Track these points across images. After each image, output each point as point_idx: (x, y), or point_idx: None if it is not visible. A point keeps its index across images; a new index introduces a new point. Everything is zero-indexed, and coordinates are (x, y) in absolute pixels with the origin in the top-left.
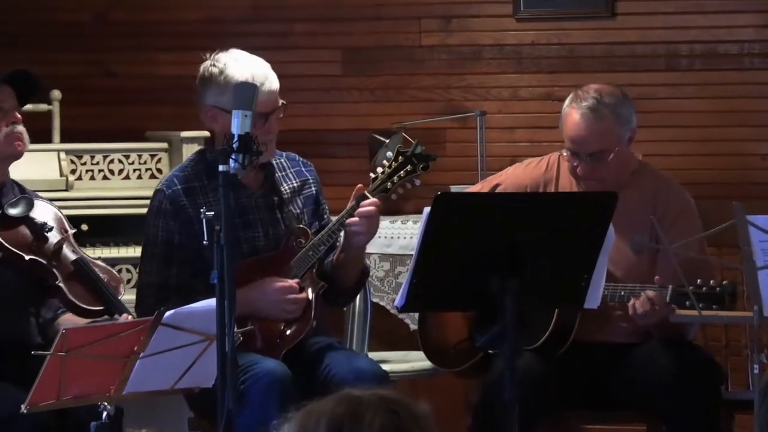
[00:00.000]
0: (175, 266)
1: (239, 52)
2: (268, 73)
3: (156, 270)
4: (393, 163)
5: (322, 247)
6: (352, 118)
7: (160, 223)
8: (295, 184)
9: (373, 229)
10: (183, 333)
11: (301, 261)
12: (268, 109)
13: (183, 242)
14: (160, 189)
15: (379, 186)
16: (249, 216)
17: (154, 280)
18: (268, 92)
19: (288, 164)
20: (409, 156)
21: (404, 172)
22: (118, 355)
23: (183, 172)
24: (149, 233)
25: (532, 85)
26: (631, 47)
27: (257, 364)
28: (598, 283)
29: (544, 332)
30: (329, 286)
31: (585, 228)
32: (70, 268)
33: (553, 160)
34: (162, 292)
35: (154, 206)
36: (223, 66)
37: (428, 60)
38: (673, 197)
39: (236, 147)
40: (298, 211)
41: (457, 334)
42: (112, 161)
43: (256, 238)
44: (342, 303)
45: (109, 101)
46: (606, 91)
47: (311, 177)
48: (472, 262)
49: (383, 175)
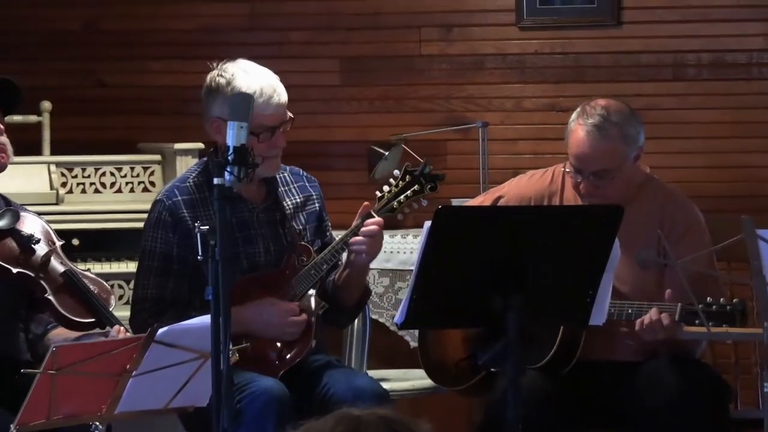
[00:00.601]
0: (173, 280)
1: (247, 63)
2: (276, 86)
3: (153, 283)
4: (400, 182)
5: (324, 266)
6: (350, 130)
7: (159, 234)
8: (298, 200)
9: (375, 249)
10: (177, 350)
11: (303, 279)
12: (275, 122)
13: (182, 255)
14: (160, 199)
15: (386, 205)
16: (250, 231)
17: (151, 294)
18: (276, 105)
19: (291, 179)
20: (417, 176)
21: (411, 191)
22: (110, 373)
23: (184, 183)
24: (147, 245)
25: (536, 96)
26: (637, 57)
27: (254, 383)
28: (603, 299)
29: (549, 350)
30: (329, 306)
31: (590, 242)
32: (59, 280)
33: (558, 171)
34: (158, 306)
35: (153, 217)
36: (230, 77)
37: (429, 70)
38: (681, 211)
39: (231, 159)
40: (300, 228)
41: (458, 351)
42: (104, 174)
43: (256, 253)
44: (342, 324)
45: (101, 112)
46: (614, 108)
47: (315, 193)
48: (473, 278)
49: (389, 194)
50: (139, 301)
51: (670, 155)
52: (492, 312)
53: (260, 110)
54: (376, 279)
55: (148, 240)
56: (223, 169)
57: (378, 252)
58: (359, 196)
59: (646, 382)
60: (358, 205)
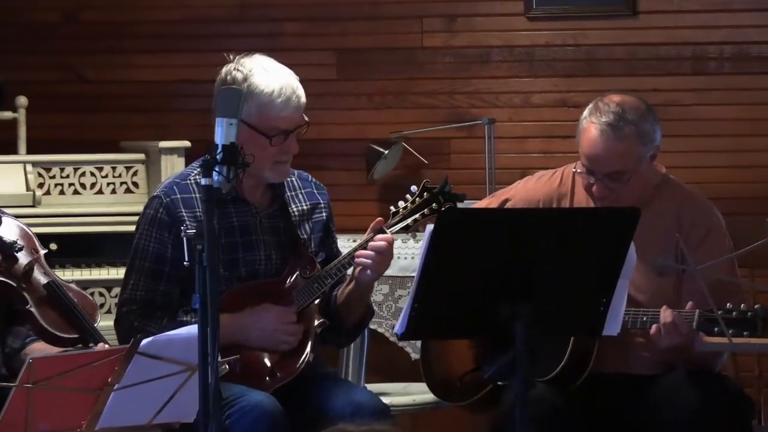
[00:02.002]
0: (164, 282)
1: (266, 60)
2: (296, 87)
3: (143, 284)
4: (417, 198)
5: (328, 280)
6: (347, 127)
7: (153, 233)
8: (304, 207)
9: (382, 267)
10: (162, 362)
11: (304, 293)
12: (290, 126)
13: (176, 257)
14: (157, 195)
15: (400, 221)
16: (251, 236)
17: (140, 295)
18: (294, 108)
19: (299, 184)
20: (436, 193)
21: (429, 210)
22: (90, 387)
23: (185, 180)
24: (139, 243)
25: (546, 91)
26: (655, 49)
27: (243, 397)
28: (618, 308)
29: (559, 362)
30: (329, 326)
31: (604, 247)
32: (41, 291)
33: (568, 172)
34: (146, 309)
35: (149, 214)
36: (248, 72)
37: (431, 63)
38: (700, 213)
39: (220, 158)
40: (305, 237)
41: (463, 364)
42: (84, 174)
43: (256, 261)
44: (340, 344)
45: (81, 108)
46: (629, 104)
47: (323, 201)
48: (479, 285)
49: (405, 210)
50: (127, 303)
51: (689, 154)
52: (499, 322)
53: (277, 111)
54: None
55: (142, 238)
56: (211, 169)
57: (384, 271)
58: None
59: (663, 397)
60: (353, 209)
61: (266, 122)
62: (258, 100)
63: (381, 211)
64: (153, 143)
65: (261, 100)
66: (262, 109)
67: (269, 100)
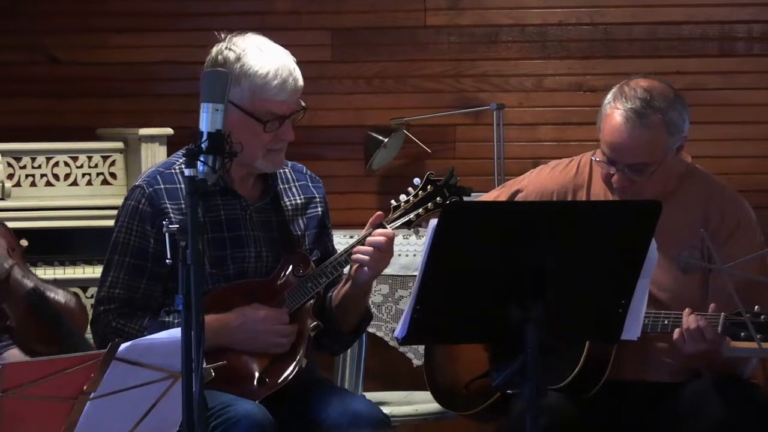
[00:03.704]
0: (146, 280)
1: (261, 39)
2: (293, 69)
3: (122, 281)
4: (420, 191)
5: (323, 279)
6: (343, 113)
7: (134, 226)
8: (298, 201)
9: (381, 264)
10: (142, 369)
11: (297, 293)
12: (286, 111)
13: (158, 253)
14: (139, 185)
15: (401, 216)
16: (241, 231)
17: (119, 294)
18: (291, 91)
19: (293, 176)
20: (441, 186)
21: (432, 204)
22: (64, 396)
23: (168, 169)
24: (119, 237)
25: (559, 74)
26: (677, 28)
27: (231, 407)
28: (638, 310)
29: (573, 369)
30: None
31: (622, 244)
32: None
33: (585, 161)
34: (125, 308)
35: (129, 205)
36: (241, 52)
37: (435, 43)
38: (728, 207)
39: (205, 147)
40: (299, 233)
41: (469, 370)
42: (57, 164)
43: (246, 258)
44: (335, 351)
45: (53, 93)
46: (657, 90)
47: (319, 195)
48: (486, 286)
49: (407, 204)
50: (104, 301)
51: (716, 142)
52: (508, 325)
53: (272, 95)
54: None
55: (122, 231)
56: (195, 158)
57: (383, 269)
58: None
59: (687, 406)
60: (350, 202)
61: (260, 106)
62: (251, 82)
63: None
64: (132, 131)
65: (255, 82)
66: (255, 92)
67: (264, 82)
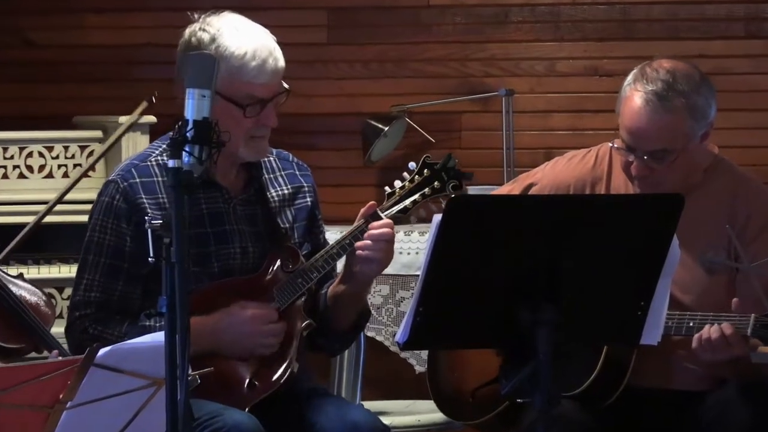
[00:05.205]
0: (123, 282)
1: (237, 18)
2: (273, 48)
3: (98, 284)
4: (416, 176)
5: (314, 273)
6: (339, 99)
7: (109, 224)
8: (285, 191)
9: (388, 256)
10: (123, 376)
11: (286, 289)
12: (267, 94)
13: (136, 252)
14: (112, 180)
15: (397, 204)
16: (225, 226)
17: (94, 297)
18: (271, 73)
19: (279, 165)
20: (438, 170)
21: (430, 189)
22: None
23: (144, 162)
24: (93, 236)
25: (574, 57)
26: (701, 8)
27: (219, 417)
28: (659, 312)
29: (589, 375)
30: (317, 330)
31: (642, 241)
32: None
33: (604, 152)
34: (102, 313)
35: (103, 201)
36: (216, 32)
37: (439, 24)
38: (757, 201)
39: (191, 136)
40: (287, 226)
41: (476, 377)
42: (31, 154)
43: (231, 254)
44: (333, 351)
45: (27, 78)
46: (681, 72)
47: (307, 184)
48: (495, 286)
49: (402, 190)
50: (79, 306)
51: (743, 131)
52: (518, 328)
53: (251, 77)
54: (373, 287)
55: (96, 230)
56: (180, 148)
57: (390, 261)
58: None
59: (711, 416)
60: (347, 196)
61: (239, 90)
62: (228, 63)
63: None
64: (112, 118)
65: (232, 63)
66: (233, 74)
67: (241, 63)
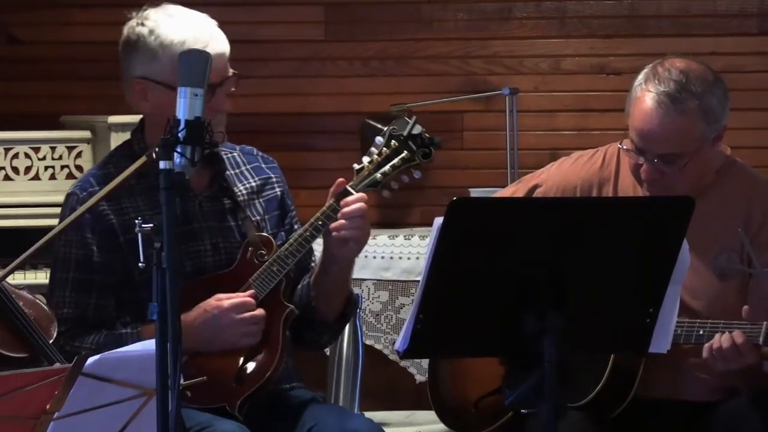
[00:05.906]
0: (95, 294)
1: (174, 7)
2: (212, 31)
3: (69, 299)
4: (383, 149)
5: (290, 259)
6: (337, 98)
7: (73, 236)
8: (253, 184)
9: (365, 233)
10: (112, 386)
11: (263, 278)
12: (214, 79)
13: (104, 262)
14: (72, 192)
15: (366, 178)
16: (192, 224)
17: (67, 314)
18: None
19: (243, 159)
20: (404, 139)
21: (400, 160)
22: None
23: (103, 170)
24: (59, 251)
25: (580, 54)
26: (712, 3)
27: (211, 427)
28: (668, 319)
29: (596, 385)
30: (303, 323)
31: (651, 245)
32: None
33: (612, 151)
34: (77, 329)
35: (65, 215)
36: (153, 24)
37: (440, 20)
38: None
39: (183, 137)
40: (257, 218)
41: (479, 386)
42: (17, 156)
43: (202, 252)
44: (322, 343)
45: (12, 76)
46: (695, 72)
47: (275, 175)
48: (499, 292)
49: (371, 165)
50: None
51: (755, 131)
52: (523, 336)
53: None
54: (372, 293)
55: (60, 245)
56: (171, 150)
57: (367, 238)
58: None
59: (723, 427)
60: None
61: None
62: (170, 52)
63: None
64: (101, 118)
65: (173, 51)
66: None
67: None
